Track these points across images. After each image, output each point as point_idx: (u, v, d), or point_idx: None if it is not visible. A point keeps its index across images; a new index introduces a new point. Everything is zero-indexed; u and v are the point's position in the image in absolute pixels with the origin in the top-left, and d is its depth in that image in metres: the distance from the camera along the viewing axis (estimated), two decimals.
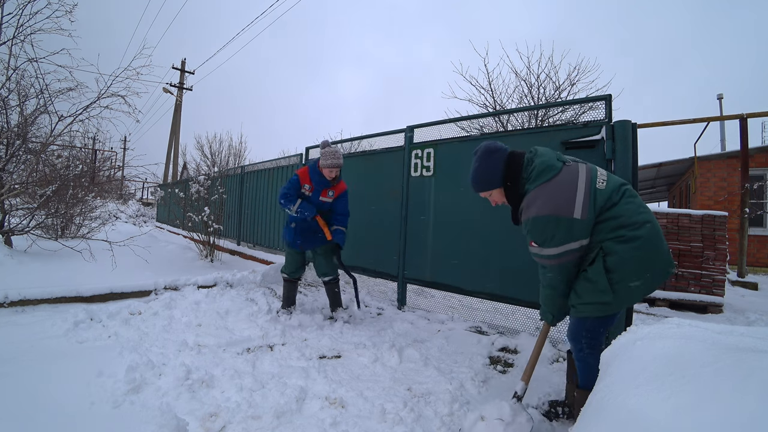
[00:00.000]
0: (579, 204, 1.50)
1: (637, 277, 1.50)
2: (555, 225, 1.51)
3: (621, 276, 1.49)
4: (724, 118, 7.42)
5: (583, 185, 1.53)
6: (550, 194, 1.53)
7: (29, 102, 4.40)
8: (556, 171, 1.57)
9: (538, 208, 1.54)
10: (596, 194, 1.54)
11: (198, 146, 14.10)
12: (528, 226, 1.59)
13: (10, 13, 4.14)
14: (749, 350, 0.85)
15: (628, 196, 1.57)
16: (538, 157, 1.63)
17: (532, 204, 1.56)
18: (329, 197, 3.36)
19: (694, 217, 4.77)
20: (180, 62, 19.28)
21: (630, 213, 1.52)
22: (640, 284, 1.51)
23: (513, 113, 7.24)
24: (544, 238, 1.55)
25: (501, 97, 7.91)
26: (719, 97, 14.93)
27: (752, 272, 8.16)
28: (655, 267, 1.52)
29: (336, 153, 3.23)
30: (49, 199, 4.70)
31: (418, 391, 2.18)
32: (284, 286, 3.57)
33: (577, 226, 1.50)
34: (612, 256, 1.50)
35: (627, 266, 1.49)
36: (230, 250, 6.75)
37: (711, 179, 9.56)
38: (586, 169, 1.61)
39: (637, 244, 1.48)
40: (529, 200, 1.59)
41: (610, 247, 1.51)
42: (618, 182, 1.62)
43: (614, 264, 1.49)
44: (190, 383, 2.07)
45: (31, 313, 3.17)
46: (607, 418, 0.87)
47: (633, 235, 1.49)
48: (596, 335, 1.64)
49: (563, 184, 1.54)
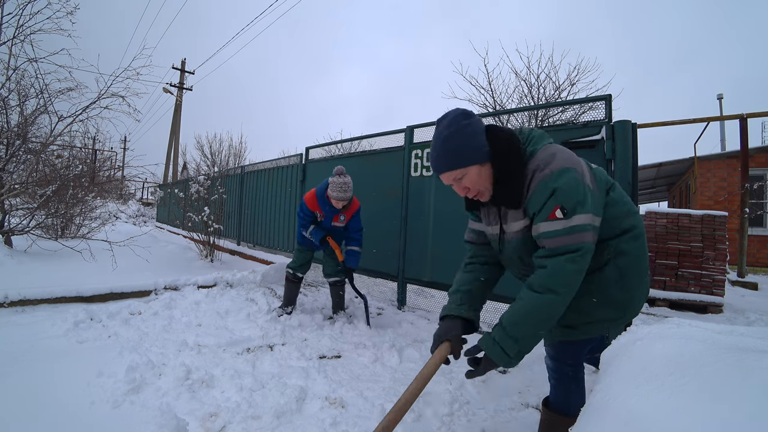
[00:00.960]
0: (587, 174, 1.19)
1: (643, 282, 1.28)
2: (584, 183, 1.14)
3: (630, 282, 1.23)
4: (724, 118, 7.42)
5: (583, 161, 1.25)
6: (566, 152, 1.20)
7: (29, 102, 4.42)
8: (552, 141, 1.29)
9: (563, 160, 1.16)
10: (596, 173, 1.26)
11: (198, 146, 14.11)
12: (554, 183, 1.13)
13: (10, 13, 4.15)
14: (749, 350, 0.85)
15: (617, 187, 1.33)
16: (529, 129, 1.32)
17: (552, 159, 1.17)
18: (341, 222, 3.31)
19: (694, 217, 4.77)
20: (180, 62, 19.30)
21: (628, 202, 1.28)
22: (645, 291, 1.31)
23: (513, 113, 7.23)
24: (577, 198, 1.12)
25: (501, 97, 7.91)
26: (719, 97, 14.93)
27: (752, 272, 8.16)
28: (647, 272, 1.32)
29: (344, 186, 3.06)
30: (49, 199, 4.70)
31: None
32: (286, 285, 3.55)
33: (594, 196, 1.16)
34: (624, 257, 1.21)
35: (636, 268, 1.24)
36: (230, 250, 6.75)
37: (711, 179, 9.56)
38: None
39: (643, 242, 1.26)
40: (543, 157, 1.19)
41: (621, 246, 1.22)
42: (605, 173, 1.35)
43: (626, 267, 1.22)
44: (190, 383, 2.07)
45: (31, 313, 3.17)
46: (607, 418, 0.87)
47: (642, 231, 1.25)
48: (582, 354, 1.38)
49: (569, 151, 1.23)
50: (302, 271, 3.51)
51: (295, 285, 3.53)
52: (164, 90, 18.74)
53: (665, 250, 4.80)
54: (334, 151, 7.48)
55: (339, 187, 3.05)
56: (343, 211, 3.26)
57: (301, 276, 3.54)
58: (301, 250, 3.47)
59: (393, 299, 4.17)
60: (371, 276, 4.43)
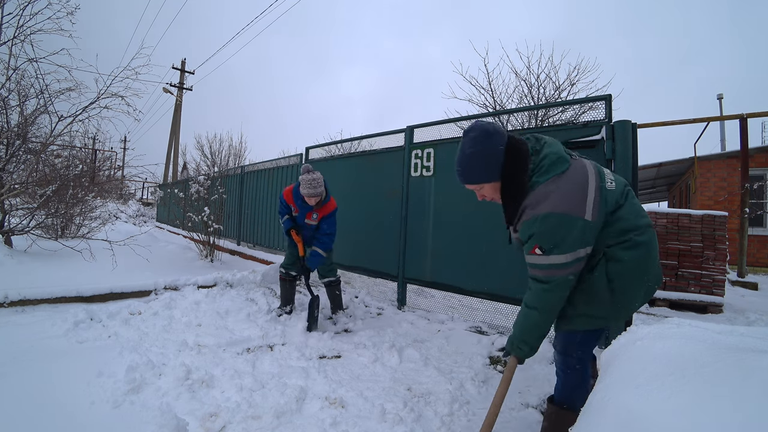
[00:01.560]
0: (590, 204, 1.31)
1: (638, 286, 1.38)
2: (568, 226, 1.29)
3: (622, 285, 1.36)
4: (724, 118, 7.42)
5: (594, 184, 1.35)
6: (564, 190, 1.31)
7: (29, 102, 4.41)
8: (568, 164, 1.36)
9: (552, 204, 1.29)
10: (607, 195, 1.37)
11: (198, 146, 14.10)
12: (535, 227, 1.33)
13: (10, 13, 4.15)
14: (749, 350, 0.85)
15: (632, 197, 1.44)
16: (547, 147, 1.41)
17: (544, 199, 1.32)
18: (313, 220, 3.34)
19: (694, 217, 4.77)
20: (180, 62, 19.29)
21: (634, 216, 1.39)
22: (640, 294, 1.41)
23: (513, 113, 7.23)
24: (554, 242, 1.30)
25: (501, 97, 7.91)
26: (719, 97, 14.93)
27: (752, 272, 8.16)
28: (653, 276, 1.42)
29: (312, 182, 3.11)
30: (49, 199, 4.71)
31: (418, 391, 2.18)
32: (281, 285, 3.56)
33: (588, 228, 1.31)
34: (615, 264, 1.35)
35: (630, 275, 1.36)
36: (230, 250, 6.75)
37: (711, 179, 9.56)
38: (593, 165, 1.44)
39: (641, 251, 1.36)
40: (538, 195, 1.33)
41: (615, 253, 1.36)
42: (623, 182, 1.48)
43: (616, 272, 1.35)
44: (190, 383, 2.07)
45: (31, 313, 3.17)
46: (607, 418, 0.87)
47: (639, 241, 1.35)
48: (589, 348, 1.48)
49: (576, 180, 1.33)
50: (295, 270, 3.49)
51: (289, 284, 3.52)
52: (164, 90, 18.74)
53: (665, 250, 4.79)
54: (334, 151, 7.49)
55: (308, 183, 3.11)
56: (317, 208, 3.29)
57: (295, 274, 3.51)
58: (291, 246, 3.49)
59: (393, 299, 4.17)
60: (371, 276, 4.43)
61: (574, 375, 1.48)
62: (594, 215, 1.31)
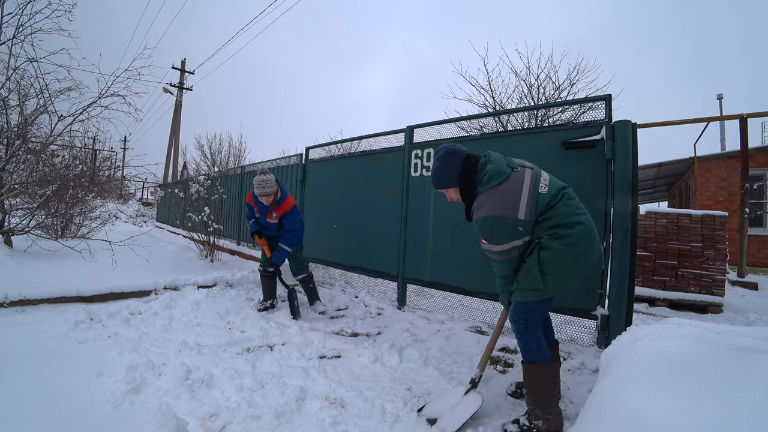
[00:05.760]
0: (522, 206, 1.71)
1: (566, 269, 1.72)
2: (501, 225, 1.71)
3: (552, 267, 1.71)
4: (724, 118, 7.42)
5: (528, 189, 1.74)
6: (498, 198, 1.72)
7: (29, 102, 4.40)
8: (504, 177, 1.76)
9: (488, 209, 1.73)
10: (538, 197, 1.74)
11: (198, 146, 14.09)
12: (478, 225, 1.79)
13: (10, 13, 4.14)
14: (749, 350, 0.85)
15: (567, 199, 1.78)
16: (491, 163, 1.82)
17: (483, 205, 1.75)
18: (273, 218, 3.58)
19: (694, 217, 4.76)
20: (180, 62, 19.29)
21: (565, 214, 1.74)
22: (569, 276, 1.74)
23: (513, 113, 7.23)
24: (492, 236, 1.75)
25: (501, 97, 7.91)
26: (719, 97, 14.92)
27: (752, 272, 8.15)
28: (583, 262, 1.74)
29: (262, 183, 3.39)
30: (49, 199, 4.70)
31: (418, 391, 2.18)
32: (261, 281, 3.75)
33: (521, 225, 1.71)
34: (546, 250, 1.71)
35: (558, 259, 1.70)
36: (230, 250, 6.75)
37: (711, 179, 9.56)
38: (532, 174, 1.80)
39: (568, 241, 1.69)
40: (479, 202, 1.78)
41: (545, 242, 1.72)
42: (558, 186, 1.82)
43: (547, 257, 1.71)
44: (190, 383, 2.07)
45: (31, 313, 3.17)
46: (607, 417, 0.87)
47: (565, 233, 1.70)
48: (532, 317, 1.83)
49: (510, 189, 1.74)
50: (269, 266, 3.67)
51: (268, 279, 3.71)
52: (164, 90, 18.73)
53: (665, 250, 4.80)
54: (334, 151, 7.48)
55: (259, 183, 3.39)
56: (274, 207, 3.53)
57: (272, 270, 3.68)
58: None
59: (393, 299, 4.17)
60: (371, 276, 4.43)
61: (525, 337, 1.82)
62: (527, 214, 1.71)
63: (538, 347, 1.81)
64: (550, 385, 1.81)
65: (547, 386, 1.79)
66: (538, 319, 1.85)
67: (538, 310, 1.84)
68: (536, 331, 1.83)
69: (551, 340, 2.08)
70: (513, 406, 2.06)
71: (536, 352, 1.80)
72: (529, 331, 1.82)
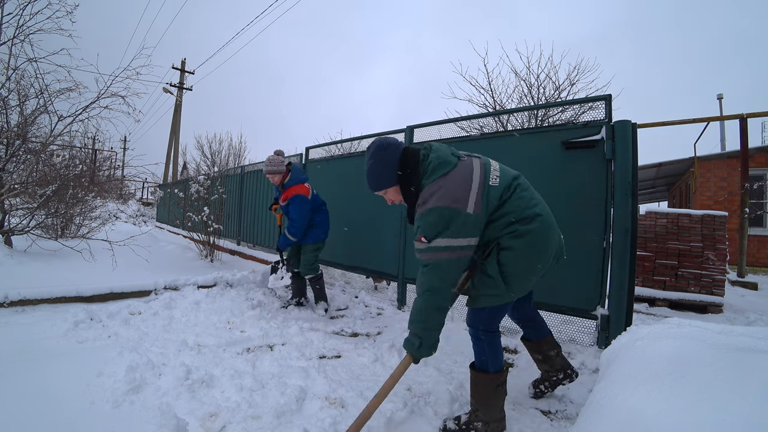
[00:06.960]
0: (472, 199, 1.52)
1: (529, 268, 1.58)
2: (448, 217, 1.50)
3: (514, 269, 1.56)
4: (724, 118, 7.42)
5: (478, 180, 1.56)
6: (446, 188, 1.53)
7: (29, 102, 4.40)
8: (451, 166, 1.58)
9: (435, 200, 1.52)
10: (489, 191, 1.57)
11: (198, 146, 14.12)
12: (421, 220, 1.55)
13: (10, 13, 4.14)
14: (749, 350, 0.85)
15: (521, 191, 1.62)
16: (433, 152, 1.64)
17: (429, 197, 1.54)
18: (282, 201, 3.62)
19: (694, 217, 4.76)
20: (180, 62, 19.29)
21: (521, 208, 1.58)
22: (534, 274, 1.61)
23: (513, 113, 7.23)
24: (436, 230, 1.51)
25: (501, 97, 7.91)
26: (719, 97, 14.92)
27: (752, 272, 8.16)
28: (547, 258, 1.61)
29: (270, 161, 3.47)
30: (49, 199, 4.70)
31: (418, 391, 2.18)
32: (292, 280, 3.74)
33: (470, 221, 1.51)
34: (506, 251, 1.56)
35: (520, 259, 1.56)
36: (230, 250, 6.75)
37: (711, 179, 9.56)
38: (480, 164, 1.62)
39: (529, 239, 1.55)
40: (425, 194, 1.57)
41: (505, 242, 1.56)
42: (510, 176, 1.65)
43: (508, 258, 1.56)
44: (190, 383, 2.07)
45: (31, 313, 3.17)
46: (607, 417, 0.87)
47: (525, 229, 1.55)
48: (492, 322, 1.71)
49: (458, 179, 1.55)
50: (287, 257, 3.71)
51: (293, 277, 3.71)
52: (164, 90, 18.73)
53: (665, 250, 4.80)
54: (334, 150, 7.48)
55: (267, 161, 3.51)
56: (282, 190, 3.58)
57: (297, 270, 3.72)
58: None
59: (393, 299, 4.17)
60: (371, 276, 4.43)
61: (482, 344, 1.70)
62: (477, 209, 1.52)
63: (494, 355, 1.69)
64: (498, 392, 1.69)
65: (494, 393, 1.68)
66: (497, 324, 1.73)
67: (500, 313, 1.70)
68: (496, 336, 1.71)
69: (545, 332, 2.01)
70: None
71: (491, 361, 1.68)
72: (489, 338, 1.70)
